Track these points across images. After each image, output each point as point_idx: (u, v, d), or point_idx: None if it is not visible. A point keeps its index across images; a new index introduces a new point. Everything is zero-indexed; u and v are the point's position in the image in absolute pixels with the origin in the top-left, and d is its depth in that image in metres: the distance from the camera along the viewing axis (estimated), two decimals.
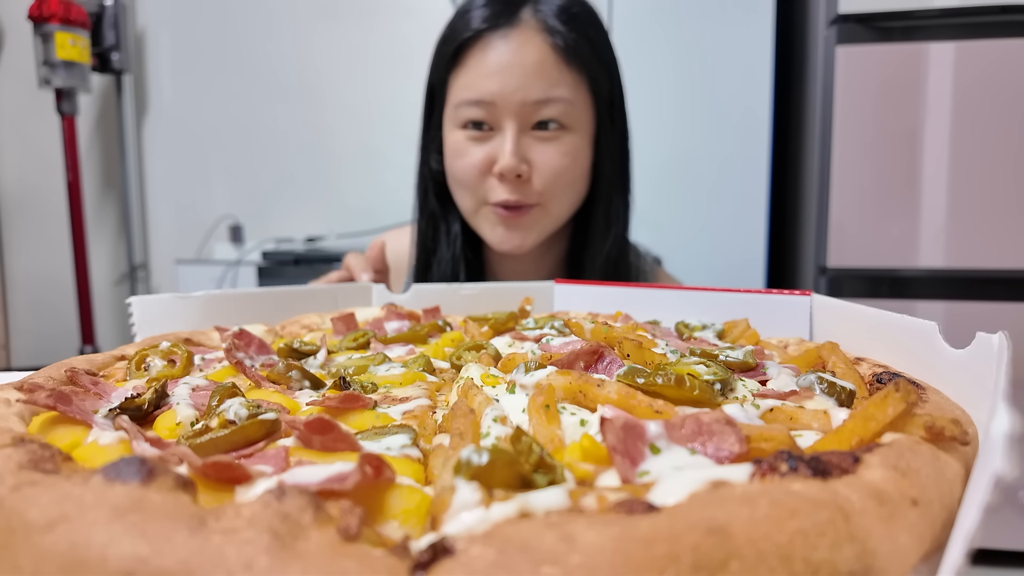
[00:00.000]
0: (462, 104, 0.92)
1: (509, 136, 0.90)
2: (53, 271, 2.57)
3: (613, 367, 0.41)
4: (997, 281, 1.37)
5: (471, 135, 0.93)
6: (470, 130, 0.93)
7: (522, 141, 0.91)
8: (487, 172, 0.93)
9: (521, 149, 0.91)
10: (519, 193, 0.92)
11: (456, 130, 0.94)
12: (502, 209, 0.93)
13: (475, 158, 0.92)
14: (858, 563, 0.21)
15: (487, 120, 0.92)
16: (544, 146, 0.92)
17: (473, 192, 0.95)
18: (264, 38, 2.51)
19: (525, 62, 0.89)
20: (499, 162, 0.90)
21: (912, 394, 0.29)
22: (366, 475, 0.25)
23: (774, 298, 0.64)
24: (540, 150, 0.92)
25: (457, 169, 0.95)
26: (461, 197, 0.98)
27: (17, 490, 0.23)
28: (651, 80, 1.76)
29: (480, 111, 0.91)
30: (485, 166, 0.92)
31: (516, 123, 0.90)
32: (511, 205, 0.93)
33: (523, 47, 0.90)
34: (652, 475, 0.26)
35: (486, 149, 0.92)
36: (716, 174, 1.77)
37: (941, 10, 1.34)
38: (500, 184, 0.92)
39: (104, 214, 2.66)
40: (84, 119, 2.53)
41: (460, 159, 0.94)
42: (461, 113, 0.92)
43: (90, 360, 0.46)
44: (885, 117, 1.38)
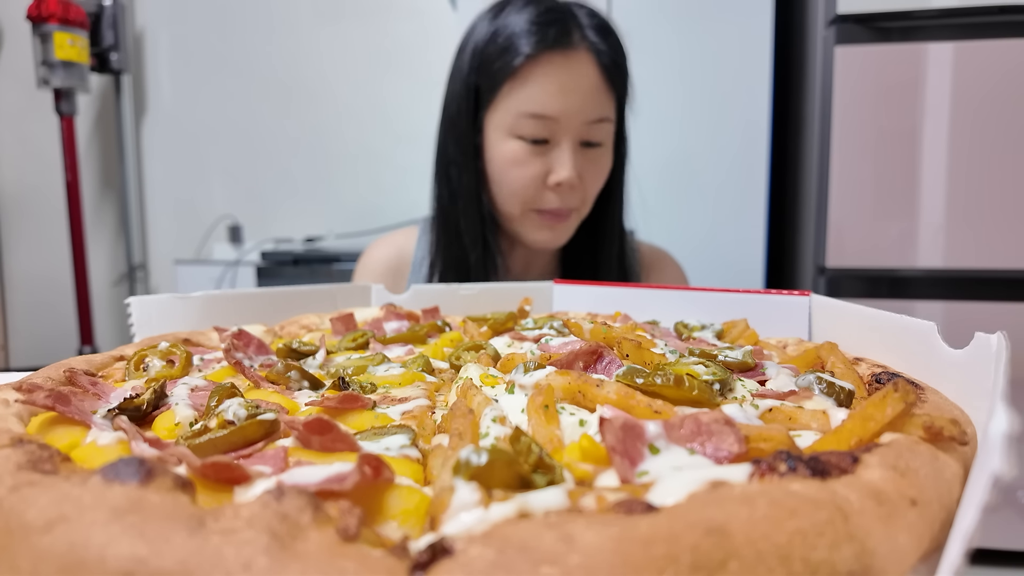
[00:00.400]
0: (524, 116, 0.97)
1: (569, 152, 0.98)
2: (52, 271, 2.57)
3: (612, 367, 0.41)
4: (996, 281, 1.37)
5: (528, 147, 0.99)
6: (528, 143, 0.99)
7: (575, 157, 0.99)
8: (542, 183, 1.00)
9: (576, 163, 0.99)
10: (568, 201, 1.01)
11: (511, 139, 1.00)
12: (549, 216, 1.03)
13: (533, 169, 0.99)
14: (857, 563, 0.21)
15: (547, 135, 0.98)
16: (591, 163, 1.02)
17: (524, 199, 1.02)
18: (263, 38, 2.51)
19: (584, 84, 0.98)
20: (558, 174, 0.98)
21: (911, 394, 0.29)
22: (365, 475, 0.25)
23: (773, 298, 0.64)
24: (587, 166, 1.01)
25: (513, 177, 1.01)
26: (508, 201, 1.04)
27: (16, 491, 0.23)
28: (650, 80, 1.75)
29: (541, 126, 0.97)
30: (541, 176, 1.00)
31: (573, 139, 0.99)
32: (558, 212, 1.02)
33: (581, 70, 0.98)
34: (651, 475, 0.26)
35: (543, 161, 0.99)
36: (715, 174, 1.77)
37: (940, 10, 1.34)
38: (553, 193, 1.01)
39: (103, 214, 2.66)
40: (83, 119, 2.52)
41: (518, 168, 1.00)
42: (521, 124, 0.98)
43: (89, 360, 0.46)
44: (884, 117, 1.38)
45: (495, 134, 1.01)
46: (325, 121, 2.50)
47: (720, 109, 1.75)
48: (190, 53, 2.57)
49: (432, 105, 2.45)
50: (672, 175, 1.79)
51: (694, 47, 1.75)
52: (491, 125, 1.02)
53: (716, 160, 1.76)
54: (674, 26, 1.75)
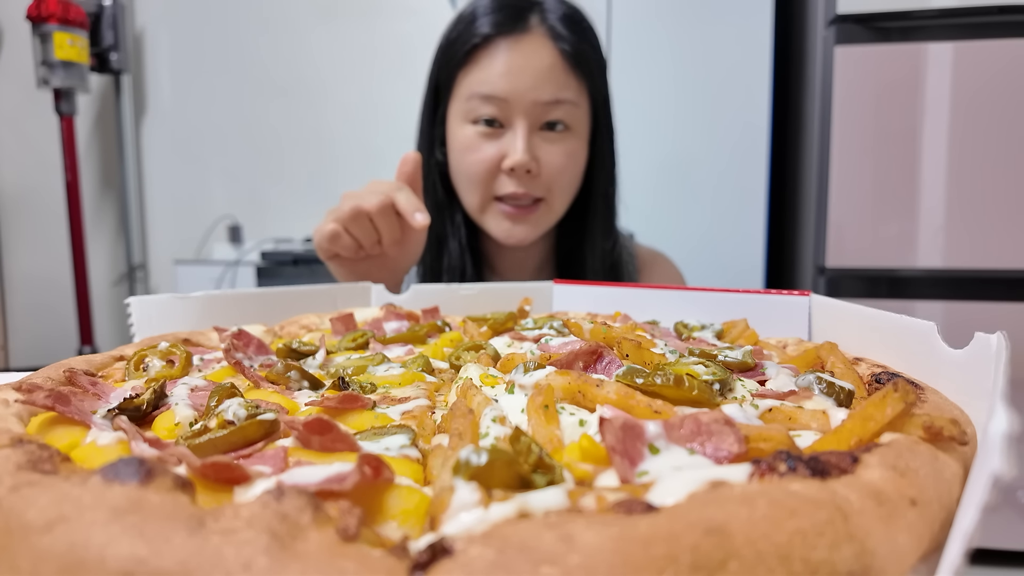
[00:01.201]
0: (474, 98, 0.95)
1: (521, 134, 0.95)
2: (52, 271, 2.57)
3: (612, 367, 0.41)
4: (995, 281, 1.37)
5: (482, 131, 0.96)
6: (481, 126, 0.96)
7: (532, 139, 0.96)
8: (497, 168, 0.97)
9: (531, 147, 0.96)
10: (527, 186, 0.97)
11: (466, 125, 0.97)
12: (509, 207, 0.99)
13: (487, 154, 0.96)
14: (857, 563, 0.21)
15: (498, 117, 0.96)
16: (551, 146, 0.98)
17: (483, 187, 0.98)
18: (263, 38, 2.51)
19: (537, 65, 0.95)
20: (510, 157, 0.95)
21: (911, 394, 0.29)
22: (365, 475, 0.25)
23: (773, 298, 0.64)
24: (547, 149, 0.97)
25: (468, 164, 0.98)
26: (468, 192, 1.01)
27: (15, 491, 0.23)
28: (650, 81, 1.76)
29: (492, 108, 0.95)
30: (495, 162, 0.97)
31: (527, 122, 0.95)
32: (519, 196, 0.98)
33: (535, 51, 0.95)
34: (651, 475, 0.26)
35: (497, 146, 0.96)
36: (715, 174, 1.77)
37: (939, 10, 1.34)
38: (509, 178, 0.97)
39: (103, 214, 2.66)
40: (83, 119, 2.52)
41: (471, 154, 0.97)
42: (473, 108, 0.96)
43: (89, 360, 0.46)
44: (884, 117, 1.38)
45: (453, 124, 1.00)
46: (325, 121, 2.50)
47: (720, 109, 1.75)
48: (190, 53, 2.57)
49: None
50: (672, 175, 1.79)
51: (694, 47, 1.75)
52: (451, 115, 1.01)
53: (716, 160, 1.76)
54: (674, 26, 1.75)
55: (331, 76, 2.48)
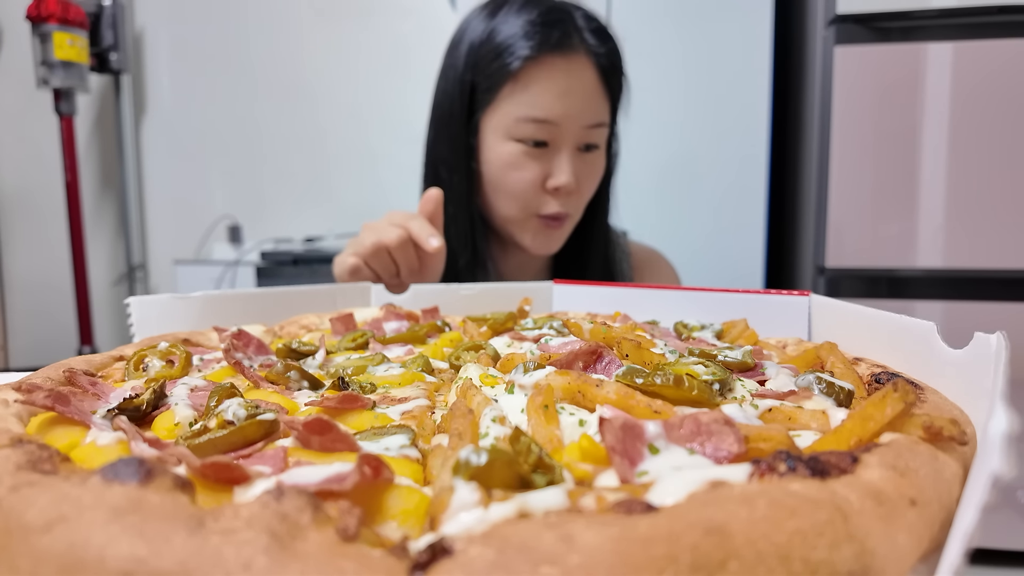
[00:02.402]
0: (524, 120, 0.96)
1: (568, 156, 0.98)
2: (51, 271, 2.57)
3: (612, 367, 0.41)
4: (995, 281, 1.37)
5: (527, 150, 0.98)
6: (528, 146, 0.98)
7: (574, 161, 0.99)
8: (540, 186, 1.00)
9: (576, 168, 0.99)
10: (566, 206, 1.01)
11: (509, 142, 0.99)
12: (547, 220, 1.02)
13: (532, 173, 0.98)
14: (856, 563, 0.21)
15: (547, 139, 0.97)
16: (587, 166, 1.01)
17: (523, 204, 1.01)
18: (262, 38, 2.51)
19: (584, 87, 0.97)
20: (556, 179, 0.98)
21: (910, 394, 0.29)
22: (365, 475, 0.25)
23: (772, 298, 0.64)
24: (584, 170, 1.01)
25: (512, 181, 1.00)
26: (507, 205, 1.03)
27: (15, 491, 0.23)
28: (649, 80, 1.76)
29: (542, 130, 0.96)
30: (540, 180, 0.99)
31: (572, 144, 0.98)
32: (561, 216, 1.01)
33: (581, 71, 0.97)
34: (651, 475, 0.26)
35: (541, 165, 0.98)
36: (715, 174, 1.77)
37: (939, 10, 1.34)
38: (552, 198, 1.00)
39: (102, 214, 2.65)
40: (82, 119, 2.52)
41: (517, 172, 0.99)
42: (521, 128, 0.97)
43: (88, 360, 0.46)
44: (884, 117, 1.38)
45: (492, 136, 1.00)
46: (325, 121, 2.50)
47: (720, 109, 1.75)
48: (189, 53, 2.57)
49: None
50: (672, 176, 1.79)
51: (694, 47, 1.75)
52: (488, 127, 1.01)
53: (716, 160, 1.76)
54: (674, 26, 1.75)
55: (331, 76, 2.48)
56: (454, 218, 1.05)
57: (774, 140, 1.75)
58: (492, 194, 1.04)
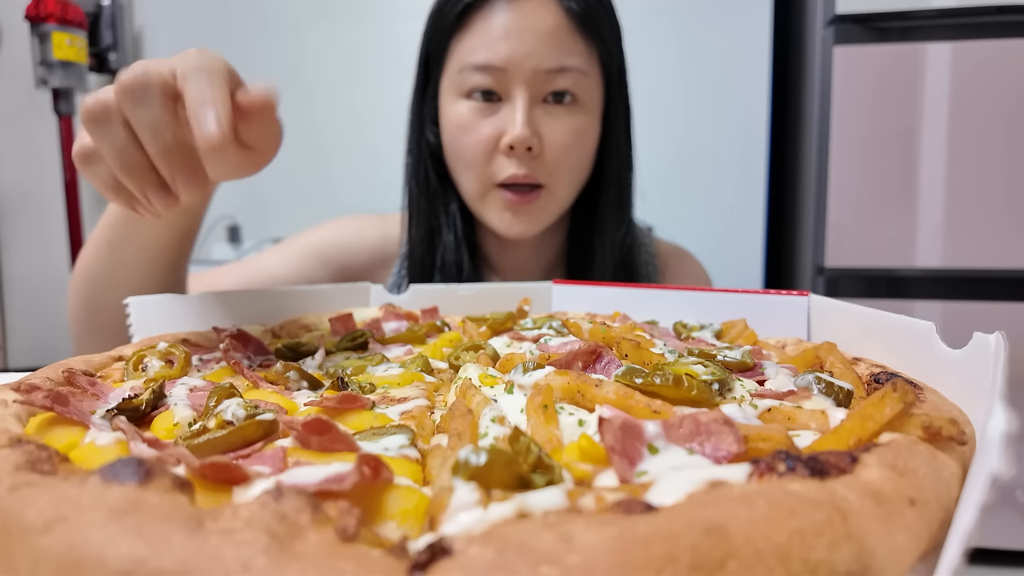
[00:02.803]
0: (467, 68, 0.85)
1: (520, 105, 0.83)
2: (51, 271, 2.56)
3: (611, 367, 0.41)
4: (994, 281, 1.37)
5: (477, 106, 0.86)
6: (476, 100, 0.86)
7: (533, 113, 0.85)
8: (495, 148, 0.86)
9: (533, 121, 0.84)
10: (529, 168, 0.85)
11: (460, 100, 0.87)
12: (510, 194, 0.87)
13: (482, 132, 0.85)
14: (856, 563, 0.21)
15: (495, 88, 0.85)
16: (556, 120, 0.86)
17: (480, 172, 0.87)
18: (261, 38, 2.51)
19: (539, 27, 0.83)
20: (509, 133, 0.83)
21: (909, 394, 0.29)
22: (364, 476, 0.25)
23: (772, 298, 0.64)
24: (551, 124, 0.85)
25: (462, 144, 0.87)
26: (465, 178, 0.90)
27: (14, 491, 0.23)
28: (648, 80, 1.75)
29: (488, 78, 0.84)
30: (492, 140, 0.85)
31: (528, 92, 0.84)
32: (520, 182, 0.86)
33: (536, 11, 0.83)
34: (650, 475, 0.26)
35: (494, 122, 0.85)
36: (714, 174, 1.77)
37: (938, 10, 1.34)
38: (508, 159, 0.85)
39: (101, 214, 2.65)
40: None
41: (465, 134, 0.86)
42: (466, 79, 0.85)
43: (87, 361, 0.46)
44: (882, 117, 1.38)
45: (445, 99, 0.89)
46: (324, 121, 2.50)
47: (719, 109, 1.75)
48: None
49: None
50: (671, 175, 1.79)
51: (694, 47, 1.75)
52: (442, 91, 0.89)
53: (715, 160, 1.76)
54: (674, 26, 1.75)
55: (330, 76, 2.47)
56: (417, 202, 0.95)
57: (774, 140, 1.75)
58: (452, 167, 0.91)
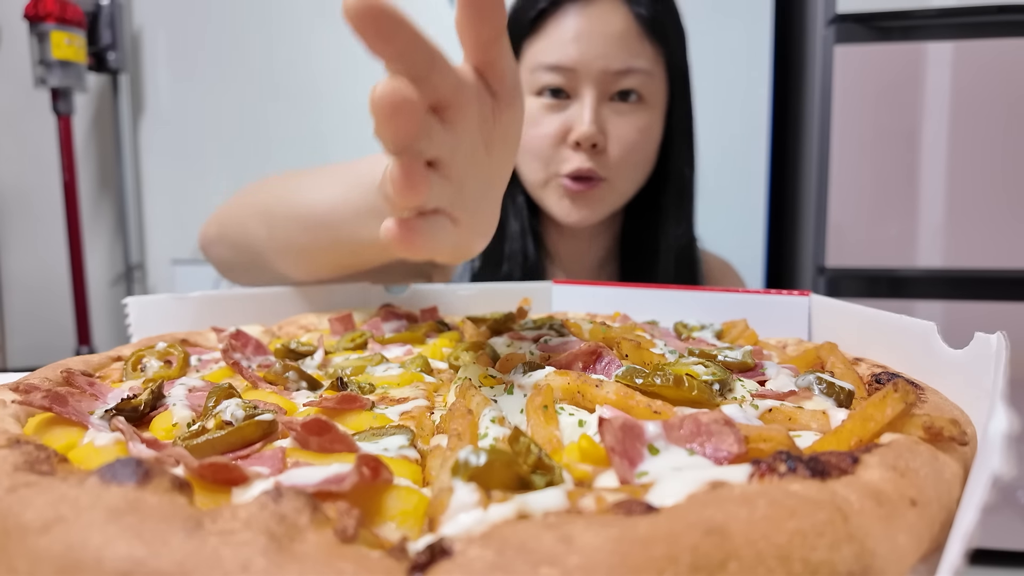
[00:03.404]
0: (539, 68, 0.90)
1: (588, 103, 0.89)
2: (49, 271, 2.56)
3: (611, 367, 0.41)
4: (995, 281, 1.37)
5: (547, 103, 0.91)
6: (546, 97, 0.91)
7: (600, 110, 0.90)
8: (561, 142, 0.91)
9: (599, 118, 0.89)
10: (593, 162, 0.90)
11: (530, 97, 0.92)
12: (571, 182, 0.92)
13: (550, 127, 0.91)
14: (857, 563, 0.21)
15: (565, 87, 0.90)
16: (621, 118, 0.91)
17: (544, 163, 0.93)
18: (261, 38, 2.50)
19: (608, 31, 0.88)
20: (576, 130, 0.89)
21: (911, 394, 0.29)
22: (363, 476, 0.25)
23: (772, 298, 0.64)
24: (617, 122, 0.91)
25: (530, 138, 0.92)
26: (530, 168, 0.95)
27: (12, 492, 0.23)
28: None
29: (559, 77, 0.89)
30: (560, 135, 0.91)
31: (595, 91, 0.89)
32: (583, 175, 0.91)
33: (606, 16, 0.89)
34: (650, 476, 0.26)
35: (562, 118, 0.91)
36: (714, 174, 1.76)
37: (939, 10, 1.34)
38: (574, 153, 0.90)
39: (100, 214, 2.65)
40: (80, 119, 2.52)
41: (534, 128, 0.92)
42: (538, 78, 0.91)
43: (86, 361, 0.46)
44: (884, 117, 1.38)
45: None
46: (324, 121, 2.50)
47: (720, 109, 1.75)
48: (188, 52, 2.56)
49: None
50: None
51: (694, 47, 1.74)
52: None
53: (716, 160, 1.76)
54: None
55: (330, 76, 2.47)
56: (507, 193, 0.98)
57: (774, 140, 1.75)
58: (519, 159, 0.95)
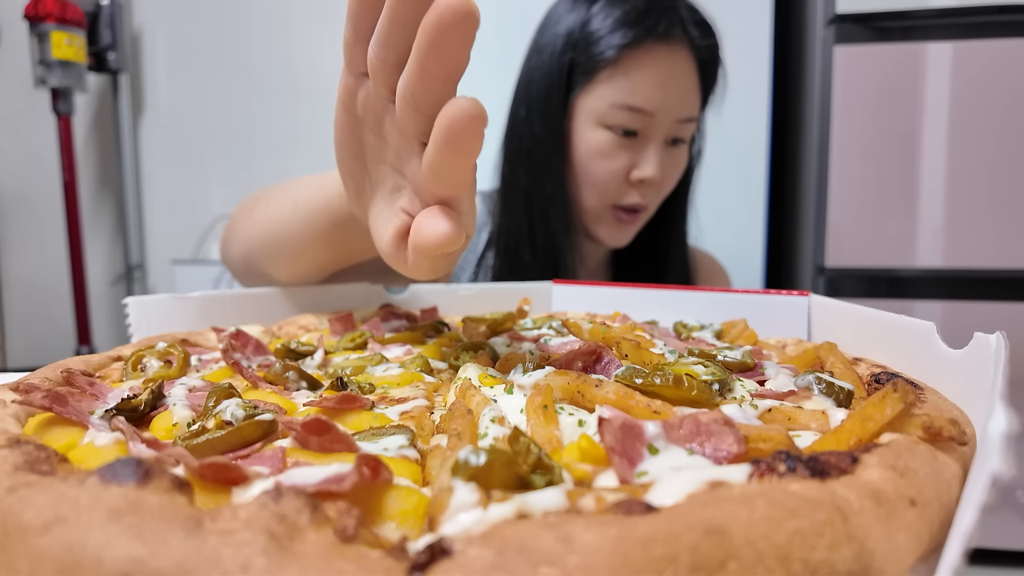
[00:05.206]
0: (619, 107, 0.94)
1: (656, 149, 0.96)
2: (49, 271, 2.56)
3: (611, 367, 0.41)
4: (995, 281, 1.37)
5: (617, 140, 0.96)
6: (618, 134, 0.95)
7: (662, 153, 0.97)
8: (625, 177, 0.98)
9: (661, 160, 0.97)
10: (646, 198, 0.99)
11: (600, 129, 0.96)
12: (624, 213, 1.00)
13: (618, 163, 0.96)
14: (856, 563, 0.21)
15: (638, 129, 0.95)
16: (671, 161, 0.99)
17: (605, 194, 0.99)
18: (261, 37, 2.50)
19: (682, 80, 0.95)
20: (643, 171, 0.96)
21: (910, 394, 0.29)
22: (363, 476, 0.25)
23: (772, 298, 0.64)
24: (668, 165, 0.99)
25: (596, 169, 0.98)
26: (588, 194, 1.00)
27: (12, 492, 0.23)
28: None
29: (635, 119, 0.94)
30: (625, 171, 0.97)
31: (662, 136, 0.96)
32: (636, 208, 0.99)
33: (681, 63, 0.94)
34: (650, 475, 0.26)
35: (628, 156, 0.96)
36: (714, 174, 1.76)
37: (939, 10, 1.34)
38: (634, 189, 0.98)
39: (100, 214, 2.65)
40: (80, 119, 2.52)
41: (604, 160, 0.97)
42: (616, 115, 0.94)
43: (86, 361, 0.46)
44: (883, 117, 1.38)
45: (583, 121, 0.97)
46: (324, 121, 2.50)
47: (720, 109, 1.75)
48: (188, 52, 2.56)
49: None
50: None
51: None
52: (580, 111, 0.98)
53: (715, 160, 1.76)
54: None
55: (330, 76, 2.46)
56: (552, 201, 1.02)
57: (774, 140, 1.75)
58: (578, 183, 1.01)
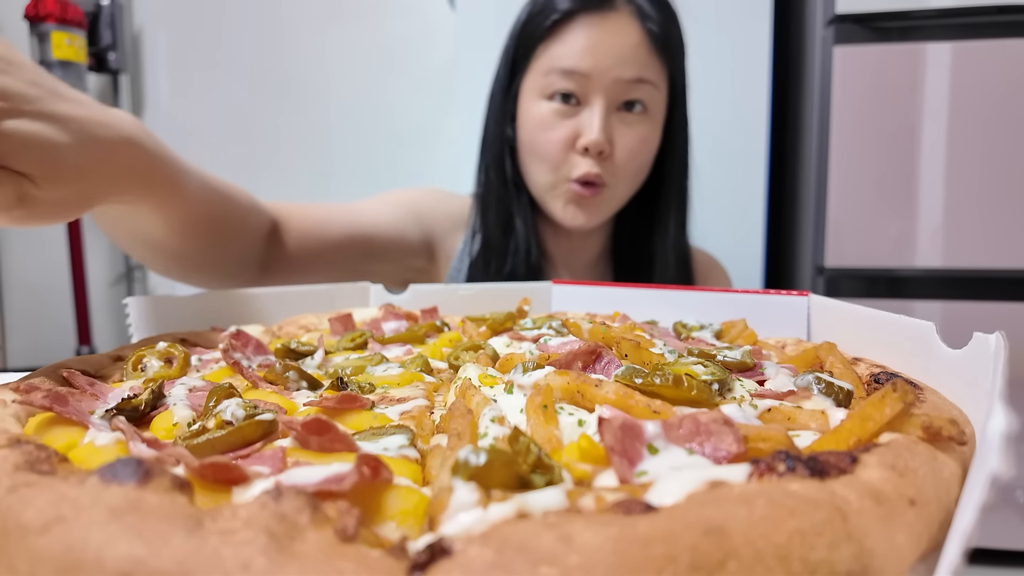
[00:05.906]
0: (553, 72, 0.93)
1: (598, 112, 0.92)
2: (50, 272, 2.56)
3: (611, 367, 0.41)
4: (994, 281, 1.37)
5: (558, 108, 0.94)
6: (557, 102, 0.93)
7: (608, 119, 0.93)
8: (570, 147, 0.94)
9: (608, 127, 0.93)
10: (599, 168, 0.94)
11: (541, 101, 0.95)
12: (578, 187, 0.95)
13: (561, 132, 0.93)
14: (856, 563, 0.21)
15: (577, 93, 0.93)
16: (626, 128, 0.95)
17: (554, 167, 0.96)
18: (261, 38, 2.50)
19: (622, 43, 0.92)
20: (586, 136, 0.92)
21: (909, 394, 0.29)
22: (363, 476, 0.25)
23: (772, 298, 0.64)
24: (623, 131, 0.95)
25: (541, 141, 0.95)
26: (538, 171, 0.98)
27: (13, 491, 0.23)
28: None
29: (571, 82, 0.92)
30: (569, 140, 0.94)
31: (605, 99, 0.92)
32: (590, 180, 0.94)
33: (621, 29, 0.93)
34: (650, 475, 0.26)
35: (572, 124, 0.93)
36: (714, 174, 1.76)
37: (938, 10, 1.34)
38: (582, 158, 0.94)
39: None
40: None
41: (545, 132, 0.94)
42: (551, 82, 0.93)
43: (86, 361, 0.46)
44: (882, 117, 1.38)
45: (528, 98, 0.97)
46: (324, 121, 2.50)
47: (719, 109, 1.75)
48: (188, 53, 2.56)
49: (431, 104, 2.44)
50: None
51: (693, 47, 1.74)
52: (525, 90, 0.98)
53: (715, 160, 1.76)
54: None
55: (330, 76, 2.47)
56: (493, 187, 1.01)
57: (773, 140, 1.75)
58: (526, 160, 0.99)
